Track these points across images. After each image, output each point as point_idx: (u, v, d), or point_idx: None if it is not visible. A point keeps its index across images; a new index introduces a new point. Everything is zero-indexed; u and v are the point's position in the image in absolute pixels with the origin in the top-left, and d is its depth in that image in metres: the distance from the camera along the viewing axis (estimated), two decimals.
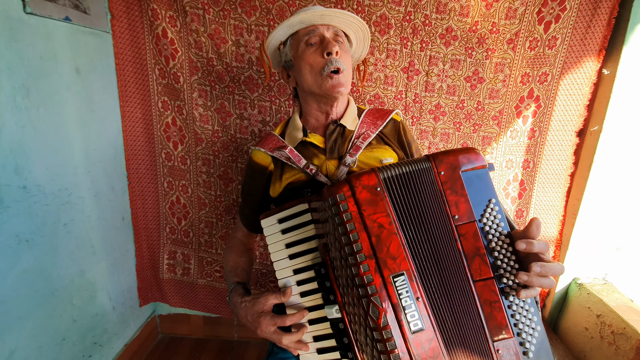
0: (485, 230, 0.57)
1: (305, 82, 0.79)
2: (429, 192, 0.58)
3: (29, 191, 0.92)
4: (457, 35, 1.14)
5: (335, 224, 0.56)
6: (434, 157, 0.59)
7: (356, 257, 0.54)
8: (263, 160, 0.85)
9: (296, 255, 0.68)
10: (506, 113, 1.21)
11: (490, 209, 0.57)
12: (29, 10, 0.88)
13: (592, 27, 1.05)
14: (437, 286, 0.56)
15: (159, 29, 1.14)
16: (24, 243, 0.92)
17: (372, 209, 0.55)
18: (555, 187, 1.20)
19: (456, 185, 0.57)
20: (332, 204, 0.56)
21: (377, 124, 0.85)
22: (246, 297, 0.72)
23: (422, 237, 0.57)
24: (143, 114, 1.25)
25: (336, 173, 0.79)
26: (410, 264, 0.55)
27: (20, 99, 0.88)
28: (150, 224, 1.38)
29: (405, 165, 0.58)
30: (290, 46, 0.83)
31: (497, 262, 0.56)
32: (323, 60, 0.76)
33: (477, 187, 0.58)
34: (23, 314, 0.93)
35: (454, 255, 0.57)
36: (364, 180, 0.56)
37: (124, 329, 1.35)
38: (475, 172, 0.58)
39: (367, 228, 0.54)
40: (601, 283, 1.24)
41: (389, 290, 0.53)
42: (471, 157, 0.58)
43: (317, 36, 0.79)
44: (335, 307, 0.62)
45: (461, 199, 0.57)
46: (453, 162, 0.58)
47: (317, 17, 0.78)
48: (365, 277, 0.53)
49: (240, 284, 0.79)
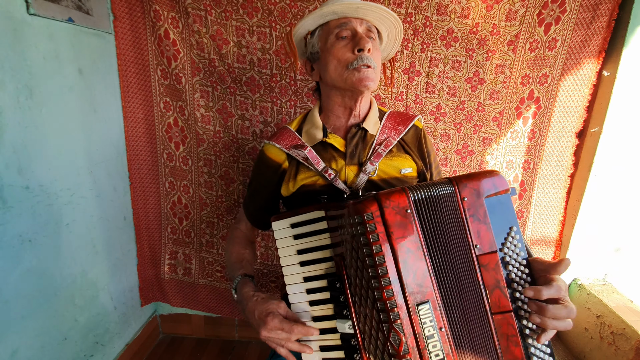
0: (505, 260, 0.55)
1: (330, 76, 0.75)
2: (452, 218, 0.55)
3: (31, 191, 0.92)
4: (458, 36, 1.14)
5: (360, 243, 0.53)
6: (457, 181, 0.56)
7: (380, 281, 0.51)
8: (277, 156, 0.81)
9: (308, 262, 0.66)
10: (506, 114, 1.21)
11: (511, 237, 0.55)
12: (32, 11, 0.88)
13: (592, 29, 1.05)
14: (459, 317, 0.54)
15: (161, 30, 1.14)
16: (26, 243, 0.92)
17: (401, 231, 0.52)
18: (555, 188, 1.21)
19: (479, 212, 0.55)
20: (357, 222, 0.53)
21: (399, 130, 0.81)
22: (260, 293, 0.69)
23: (446, 265, 0.55)
24: (145, 115, 1.26)
25: (355, 180, 0.75)
26: (436, 292, 0.53)
27: (24, 99, 0.89)
28: (152, 224, 1.38)
29: (431, 188, 0.56)
30: (319, 37, 0.78)
31: (516, 293, 0.55)
32: (353, 56, 0.72)
33: (499, 214, 0.55)
34: (26, 313, 0.93)
35: (474, 286, 0.55)
36: (394, 200, 0.53)
37: (126, 329, 1.35)
38: (498, 198, 0.56)
39: (394, 251, 0.52)
40: (601, 284, 1.25)
41: (412, 318, 0.51)
42: (496, 181, 0.55)
43: (349, 30, 0.74)
44: (348, 322, 0.60)
45: (483, 227, 0.55)
46: (477, 187, 0.55)
47: (352, 10, 0.73)
48: (388, 302, 0.51)
49: (249, 276, 0.76)
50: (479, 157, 1.26)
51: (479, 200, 0.55)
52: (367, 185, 0.76)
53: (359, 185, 0.75)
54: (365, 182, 0.76)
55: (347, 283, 0.60)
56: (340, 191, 0.75)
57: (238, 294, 0.73)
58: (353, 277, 0.58)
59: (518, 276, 0.55)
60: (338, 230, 0.61)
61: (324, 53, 0.76)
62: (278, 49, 1.18)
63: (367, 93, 0.78)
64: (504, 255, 0.55)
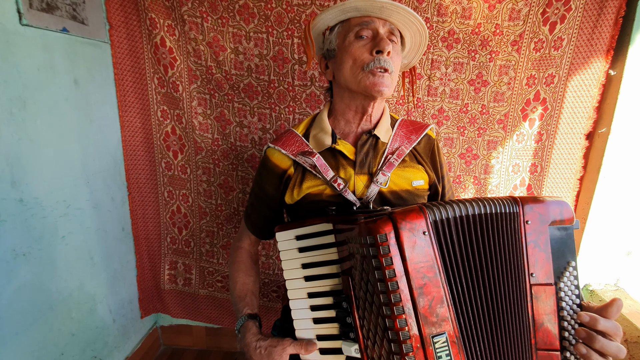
0: (559, 296, 0.51)
1: (343, 76, 0.70)
2: (504, 241, 0.51)
3: (25, 204, 0.90)
4: (460, 38, 1.12)
5: (372, 266, 0.49)
6: (523, 202, 0.51)
7: (392, 309, 0.47)
8: (282, 162, 0.76)
9: (313, 278, 0.63)
10: (512, 116, 1.18)
11: (568, 273, 0.51)
12: (25, 22, 0.87)
13: (599, 27, 1.02)
14: (485, 351, 0.50)
15: (157, 38, 1.13)
16: (20, 257, 0.90)
17: (417, 256, 0.48)
18: (565, 191, 1.17)
19: (541, 239, 0.51)
20: (370, 243, 0.49)
21: (411, 139, 0.77)
22: (261, 342, 0.65)
23: (474, 293, 0.50)
24: (142, 124, 1.24)
25: (365, 192, 0.71)
26: (454, 324, 0.49)
27: (17, 110, 0.87)
28: (151, 234, 1.36)
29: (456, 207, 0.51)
30: (337, 34, 0.73)
31: (564, 333, 0.51)
32: (370, 58, 0.67)
33: (560, 245, 0.51)
34: (20, 329, 0.91)
35: (519, 317, 0.50)
36: (411, 220, 0.49)
37: (125, 342, 1.33)
38: (561, 228, 0.52)
39: (409, 277, 0.48)
40: (613, 289, 1.21)
41: (426, 351, 0.47)
42: (563, 209, 0.52)
43: (370, 30, 0.69)
44: (355, 346, 0.56)
45: (542, 255, 0.51)
46: (544, 212, 0.51)
47: (375, 9, 0.68)
48: (400, 332, 0.47)
49: (252, 317, 0.72)
50: (484, 161, 1.23)
51: (543, 226, 0.51)
52: (377, 196, 0.72)
53: (370, 197, 0.70)
54: (377, 192, 0.72)
55: (355, 305, 0.56)
56: (348, 202, 0.71)
57: (241, 341, 0.69)
58: (362, 299, 0.54)
59: (569, 315, 0.51)
60: (346, 246, 0.57)
61: (341, 51, 0.72)
62: (275, 54, 1.16)
63: (381, 99, 0.73)
64: (559, 290, 0.51)
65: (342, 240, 0.59)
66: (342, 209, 0.69)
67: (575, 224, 0.52)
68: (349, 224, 0.56)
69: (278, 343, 0.63)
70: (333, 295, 0.60)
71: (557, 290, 0.51)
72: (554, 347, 0.50)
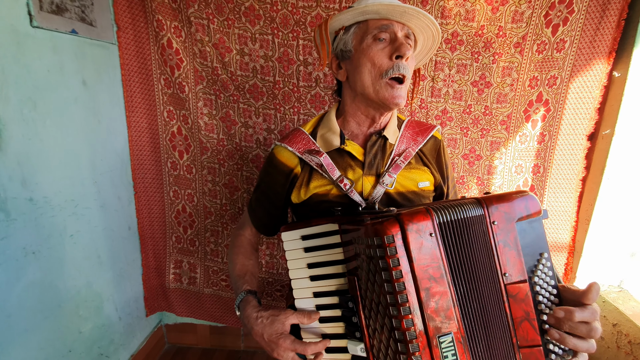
0: (535, 290, 0.52)
1: (361, 81, 0.70)
2: (479, 243, 0.51)
3: (35, 203, 0.92)
4: (463, 39, 1.13)
5: (378, 267, 0.49)
6: (487, 203, 0.52)
7: (399, 309, 0.47)
8: (289, 160, 0.76)
9: (319, 277, 0.63)
10: (515, 117, 1.19)
11: (541, 265, 0.52)
12: (36, 24, 0.89)
13: (601, 29, 1.03)
14: (483, 350, 0.51)
15: (164, 39, 1.14)
16: (30, 255, 0.91)
17: (424, 257, 0.48)
18: (567, 192, 1.17)
19: (509, 237, 0.51)
20: (376, 244, 0.49)
21: (418, 141, 0.78)
22: (262, 312, 0.66)
23: (471, 294, 0.51)
24: (149, 124, 1.25)
25: (372, 192, 0.72)
26: (460, 324, 0.49)
27: (27, 111, 0.89)
28: (157, 233, 1.37)
29: (458, 209, 0.51)
30: (354, 34, 0.72)
31: (545, 325, 0.52)
32: (389, 63, 0.67)
33: (530, 239, 0.52)
34: (29, 326, 0.92)
35: (500, 318, 0.51)
36: (418, 222, 0.49)
37: (131, 340, 1.34)
38: (529, 222, 0.52)
39: (415, 278, 0.48)
40: (617, 290, 1.21)
41: (433, 351, 0.47)
42: (528, 204, 0.52)
43: (389, 33, 0.69)
44: (361, 345, 0.57)
45: (513, 253, 0.51)
46: (509, 211, 0.52)
47: (397, 13, 0.68)
48: (407, 332, 0.47)
49: (252, 292, 0.73)
50: (487, 162, 1.24)
51: (510, 224, 0.51)
52: (383, 197, 0.73)
53: (376, 198, 0.71)
54: (384, 193, 0.72)
55: (361, 305, 0.56)
56: (354, 202, 0.71)
57: (241, 313, 0.70)
58: (368, 299, 0.54)
59: (548, 307, 0.52)
60: (352, 246, 0.58)
61: (358, 53, 0.71)
62: (281, 55, 1.17)
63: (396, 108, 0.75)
64: (534, 285, 0.52)
65: (348, 240, 0.60)
66: (347, 210, 0.70)
67: (543, 214, 0.53)
68: (355, 224, 0.57)
69: (280, 312, 0.64)
70: (339, 295, 0.61)
71: (532, 285, 0.52)
72: (536, 343, 0.51)
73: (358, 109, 0.76)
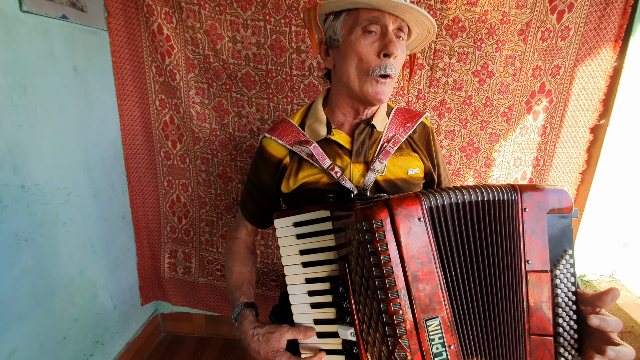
0: (554, 283, 0.52)
1: (346, 74, 0.69)
2: (501, 227, 0.51)
3: (27, 190, 0.92)
4: (465, 26, 1.08)
5: (367, 251, 0.50)
6: (522, 190, 0.52)
7: (387, 293, 0.48)
8: (278, 152, 0.76)
9: (311, 264, 0.64)
10: (516, 109, 1.15)
11: (564, 261, 0.52)
12: (25, 8, 0.87)
13: (607, 16, 0.98)
14: (477, 335, 0.51)
15: (154, 25, 1.12)
16: (23, 242, 0.92)
17: (412, 242, 0.49)
18: (567, 185, 1.14)
19: (538, 226, 0.51)
20: (365, 229, 0.49)
21: (407, 127, 0.78)
22: (259, 329, 0.66)
23: (468, 278, 0.51)
24: (141, 113, 1.24)
25: (362, 180, 0.72)
26: (447, 308, 0.50)
27: (17, 97, 0.88)
28: (151, 223, 1.38)
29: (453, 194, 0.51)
30: (343, 22, 0.70)
31: (559, 319, 0.52)
32: (377, 61, 0.66)
33: (557, 233, 0.52)
34: (23, 313, 0.93)
35: (513, 303, 0.51)
36: (407, 207, 0.49)
37: (126, 328, 1.36)
38: (560, 216, 0.52)
39: (403, 263, 0.48)
40: (608, 280, 1.21)
41: (420, 334, 0.48)
42: (562, 197, 0.52)
43: (380, 26, 0.67)
44: (351, 330, 0.58)
45: (539, 243, 0.51)
46: (542, 200, 0.52)
47: (389, 6, 0.66)
48: (395, 316, 0.48)
49: (249, 305, 0.73)
50: (485, 154, 1.21)
51: (541, 214, 0.52)
52: (373, 185, 0.73)
53: (367, 185, 0.71)
54: (374, 182, 0.72)
55: (352, 290, 0.57)
56: (345, 190, 0.71)
57: (239, 329, 0.70)
58: (358, 284, 0.55)
59: (564, 302, 0.51)
60: (343, 232, 0.58)
61: (346, 45, 0.69)
62: (273, 42, 1.14)
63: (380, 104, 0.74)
64: (555, 277, 0.52)
65: (339, 227, 0.60)
66: (339, 197, 0.70)
67: (574, 213, 0.53)
68: (346, 210, 0.57)
69: (276, 329, 0.64)
70: (330, 281, 0.61)
71: (553, 277, 0.52)
72: (548, 333, 0.51)
73: (344, 101, 0.76)
